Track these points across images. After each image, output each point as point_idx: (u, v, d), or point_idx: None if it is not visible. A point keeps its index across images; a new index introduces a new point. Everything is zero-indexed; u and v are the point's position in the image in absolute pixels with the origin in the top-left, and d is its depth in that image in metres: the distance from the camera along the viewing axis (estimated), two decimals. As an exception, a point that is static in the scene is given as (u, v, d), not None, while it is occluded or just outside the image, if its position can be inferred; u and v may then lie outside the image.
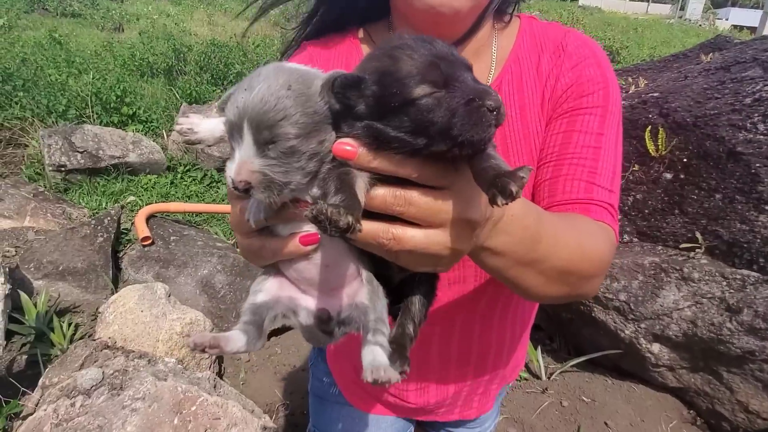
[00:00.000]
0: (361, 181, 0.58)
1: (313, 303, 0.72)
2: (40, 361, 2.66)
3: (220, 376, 2.93)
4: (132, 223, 3.97)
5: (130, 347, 2.58)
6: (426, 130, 0.55)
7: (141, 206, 4.35)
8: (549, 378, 3.06)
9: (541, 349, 3.17)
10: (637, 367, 2.90)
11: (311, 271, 0.69)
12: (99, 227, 3.63)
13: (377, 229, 0.58)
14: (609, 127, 0.94)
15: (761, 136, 2.55)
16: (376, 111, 0.57)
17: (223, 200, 4.86)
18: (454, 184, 0.59)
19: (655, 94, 3.19)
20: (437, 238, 0.59)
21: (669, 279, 2.63)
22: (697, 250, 2.68)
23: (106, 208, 4.29)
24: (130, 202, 4.55)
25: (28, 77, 5.69)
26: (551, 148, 0.95)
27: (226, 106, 0.60)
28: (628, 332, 2.75)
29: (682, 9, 38.14)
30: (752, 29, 28.41)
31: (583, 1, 33.67)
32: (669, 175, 2.88)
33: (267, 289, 0.72)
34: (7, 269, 2.80)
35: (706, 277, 2.54)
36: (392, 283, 0.74)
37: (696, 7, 36.58)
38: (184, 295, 3.30)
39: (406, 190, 0.58)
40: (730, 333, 2.44)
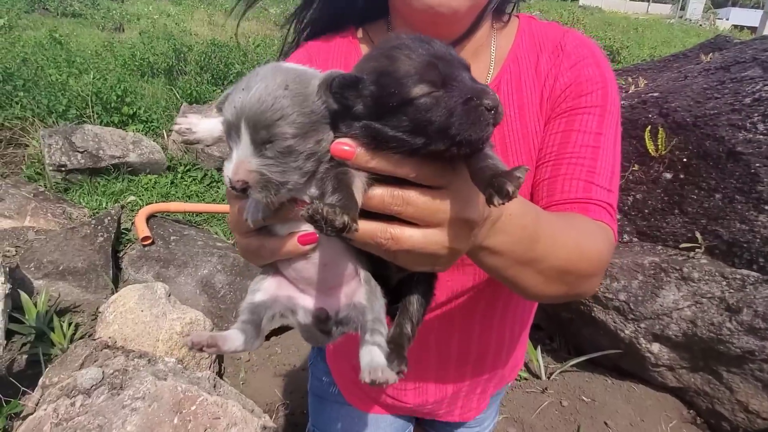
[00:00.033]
0: (359, 181, 0.58)
1: (312, 302, 0.72)
2: (41, 361, 2.66)
3: (220, 376, 2.93)
4: (132, 223, 3.97)
5: (130, 347, 2.58)
6: (424, 130, 0.55)
7: (141, 206, 4.35)
8: (549, 378, 3.06)
9: (540, 349, 3.17)
10: (637, 367, 2.90)
11: (309, 271, 0.69)
12: (99, 227, 3.64)
13: (375, 229, 0.58)
14: (608, 127, 0.94)
15: (761, 136, 2.55)
16: (374, 111, 0.57)
17: (223, 200, 4.86)
18: (451, 183, 0.59)
19: (655, 94, 3.18)
20: (435, 238, 0.59)
21: (669, 279, 2.63)
22: (697, 250, 2.67)
23: (106, 208, 4.28)
24: (131, 202, 4.55)
25: (29, 77, 5.68)
26: (550, 147, 0.95)
27: (224, 106, 0.60)
28: (627, 332, 2.75)
29: (683, 9, 38.11)
30: (753, 29, 28.39)
31: (584, 1, 33.67)
32: (669, 175, 2.88)
33: (265, 289, 0.72)
34: (8, 269, 2.80)
35: (706, 277, 2.54)
36: (390, 283, 0.74)
37: (696, 7, 36.56)
38: (184, 294, 3.30)
39: (404, 190, 0.58)
40: (729, 333, 2.44)
